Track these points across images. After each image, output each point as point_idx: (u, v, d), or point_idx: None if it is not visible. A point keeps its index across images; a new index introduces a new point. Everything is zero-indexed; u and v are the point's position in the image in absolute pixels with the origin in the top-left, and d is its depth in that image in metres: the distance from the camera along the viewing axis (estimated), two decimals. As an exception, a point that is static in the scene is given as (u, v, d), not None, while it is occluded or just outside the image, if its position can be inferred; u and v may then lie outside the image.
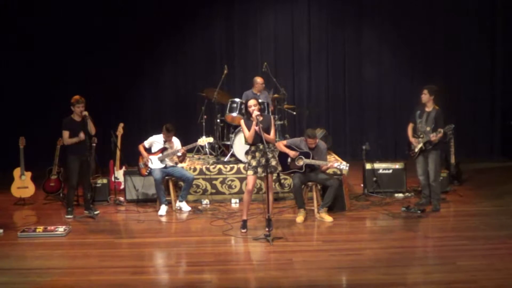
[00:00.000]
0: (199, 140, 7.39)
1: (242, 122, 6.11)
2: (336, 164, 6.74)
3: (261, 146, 5.97)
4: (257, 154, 6.00)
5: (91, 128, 6.86)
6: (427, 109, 6.93)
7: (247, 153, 6.16)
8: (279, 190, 7.75)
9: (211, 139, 7.55)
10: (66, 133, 6.84)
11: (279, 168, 6.13)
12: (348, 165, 6.72)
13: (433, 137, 6.74)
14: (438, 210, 6.91)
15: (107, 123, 8.06)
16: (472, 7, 11.19)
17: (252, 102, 5.98)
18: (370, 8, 11.28)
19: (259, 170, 5.96)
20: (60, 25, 10.56)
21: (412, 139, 6.99)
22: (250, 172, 5.99)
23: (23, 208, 7.67)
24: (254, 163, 5.98)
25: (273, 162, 5.97)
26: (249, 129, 5.97)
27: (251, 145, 6.05)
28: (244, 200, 6.21)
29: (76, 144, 6.80)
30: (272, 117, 6.47)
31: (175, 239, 6.09)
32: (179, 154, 7.25)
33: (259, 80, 8.61)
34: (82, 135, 6.78)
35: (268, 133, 5.95)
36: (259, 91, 8.61)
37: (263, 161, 5.94)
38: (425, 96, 6.89)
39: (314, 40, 11.32)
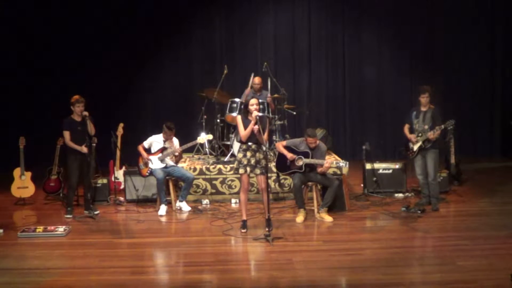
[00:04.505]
0: (198, 138, 7.39)
1: (239, 118, 6.11)
2: (335, 162, 6.72)
3: (253, 146, 5.99)
4: (248, 153, 6.02)
5: (91, 129, 6.86)
6: (423, 109, 6.93)
7: (238, 150, 6.17)
8: (279, 190, 7.76)
9: (210, 136, 7.55)
10: (67, 133, 6.86)
11: (274, 170, 6.11)
12: (347, 163, 6.71)
13: (431, 135, 6.74)
14: (437, 210, 6.91)
15: (107, 123, 8.06)
16: (472, 7, 11.19)
17: (253, 101, 5.98)
18: (370, 8, 11.28)
19: (248, 169, 5.98)
20: (60, 25, 10.56)
21: (410, 136, 6.98)
22: (241, 171, 6.02)
23: (23, 208, 7.67)
24: (244, 161, 6.00)
25: (263, 163, 5.98)
26: (245, 127, 5.97)
27: (243, 143, 6.06)
28: (241, 199, 6.22)
29: (76, 143, 6.82)
30: (268, 119, 6.45)
31: (175, 239, 6.09)
32: (176, 154, 7.25)
33: (255, 80, 8.59)
34: (84, 149, 6.81)
35: (263, 133, 5.96)
36: (258, 90, 8.59)
37: (252, 161, 5.97)
38: (427, 99, 6.88)
39: (314, 40, 11.32)
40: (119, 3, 10.79)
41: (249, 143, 6.01)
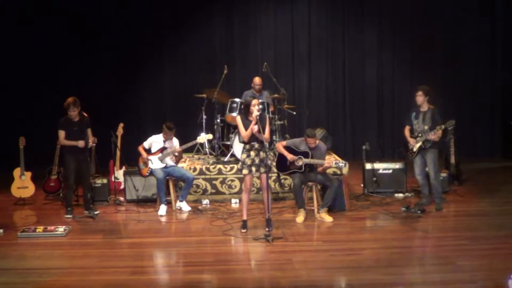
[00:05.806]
0: (198, 137, 7.39)
1: (238, 118, 6.10)
2: (334, 162, 6.73)
3: (256, 145, 5.99)
4: (251, 153, 6.02)
5: (90, 139, 6.85)
6: (422, 110, 6.93)
7: (242, 151, 6.17)
8: (279, 190, 7.76)
9: (210, 136, 7.54)
10: (62, 133, 6.83)
11: (274, 170, 6.10)
12: (346, 163, 6.70)
13: (432, 135, 6.74)
14: (441, 209, 6.90)
15: (107, 123, 8.06)
16: (472, 7, 11.18)
17: (255, 101, 5.98)
18: (370, 8, 11.28)
19: (253, 169, 5.97)
20: (60, 25, 10.56)
21: (410, 139, 6.98)
22: (245, 171, 6.00)
23: (23, 208, 7.68)
24: (248, 162, 6.00)
25: (267, 162, 5.97)
26: (245, 127, 5.97)
27: (246, 143, 6.06)
28: (242, 200, 6.21)
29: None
30: (268, 117, 6.45)
31: (175, 239, 6.09)
32: (176, 154, 7.26)
33: (256, 80, 8.60)
34: (81, 143, 6.78)
35: (263, 132, 5.95)
36: (258, 91, 8.61)
37: (257, 160, 5.97)
38: (421, 98, 6.87)
39: (314, 40, 11.31)
40: (119, 3, 10.79)
41: (252, 143, 6.01)
